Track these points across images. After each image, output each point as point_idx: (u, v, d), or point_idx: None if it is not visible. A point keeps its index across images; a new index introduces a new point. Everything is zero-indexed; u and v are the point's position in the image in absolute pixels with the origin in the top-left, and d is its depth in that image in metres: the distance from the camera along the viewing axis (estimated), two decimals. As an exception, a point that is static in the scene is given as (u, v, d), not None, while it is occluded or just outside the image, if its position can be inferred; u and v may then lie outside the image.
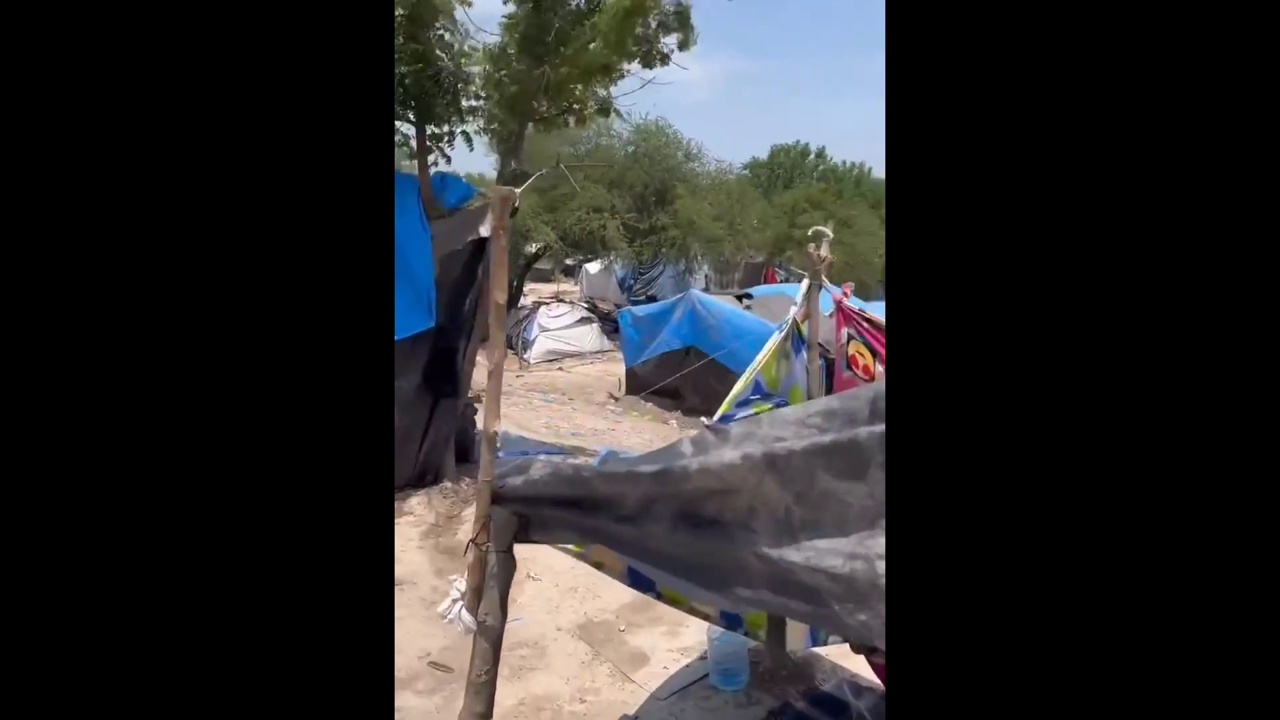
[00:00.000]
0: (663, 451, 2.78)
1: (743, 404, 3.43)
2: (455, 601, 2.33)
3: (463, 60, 5.33)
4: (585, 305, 16.84)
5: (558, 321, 15.56)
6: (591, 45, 4.96)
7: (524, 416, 10.55)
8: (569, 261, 22.63)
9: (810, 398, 3.70)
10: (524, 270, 16.79)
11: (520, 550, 5.84)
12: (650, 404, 12.29)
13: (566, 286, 22.98)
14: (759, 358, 3.43)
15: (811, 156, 32.16)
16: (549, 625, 4.41)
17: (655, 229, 16.73)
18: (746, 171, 26.78)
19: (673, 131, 17.38)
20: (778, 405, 3.62)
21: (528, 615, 4.49)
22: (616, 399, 12.80)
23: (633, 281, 20.50)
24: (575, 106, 6.21)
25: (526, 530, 2.38)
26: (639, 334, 12.52)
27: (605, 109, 6.31)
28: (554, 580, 4.85)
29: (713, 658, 3.92)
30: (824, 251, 3.63)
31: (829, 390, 4.15)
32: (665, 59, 5.51)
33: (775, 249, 23.23)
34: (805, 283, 3.64)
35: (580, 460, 7.53)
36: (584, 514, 2.08)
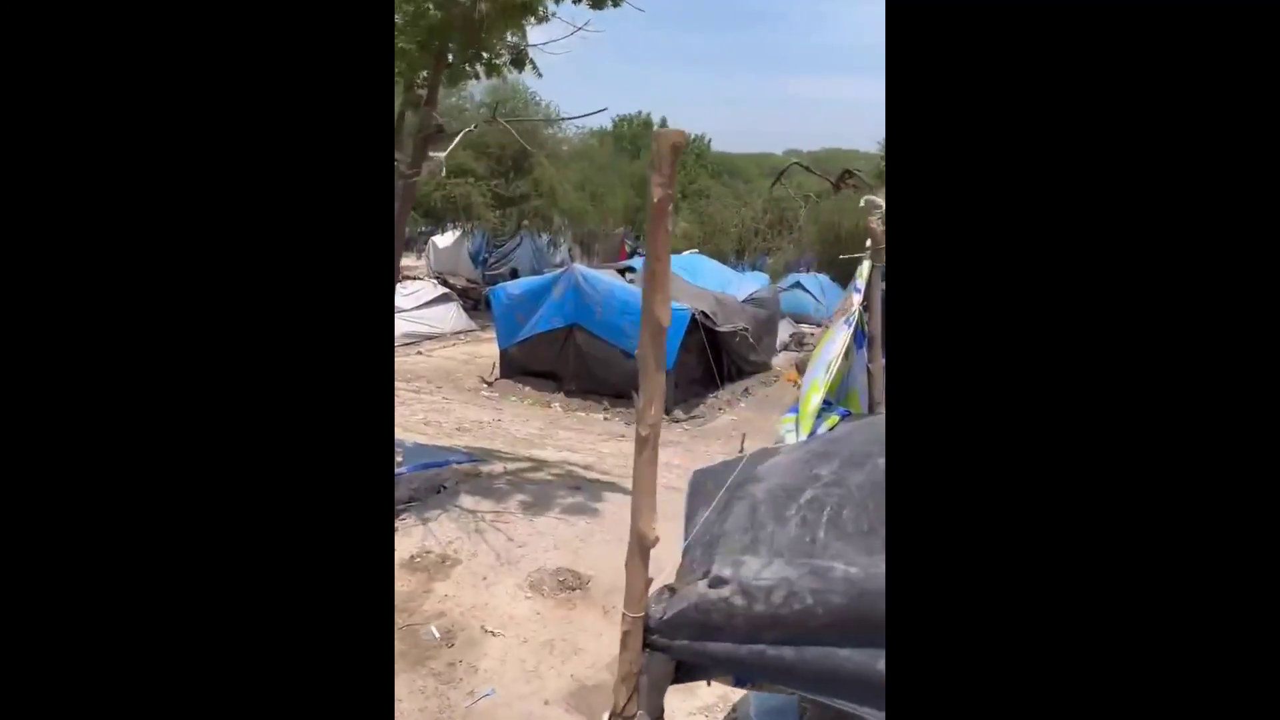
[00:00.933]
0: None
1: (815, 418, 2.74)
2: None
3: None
4: (436, 282, 15.44)
5: (413, 300, 14.10)
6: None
7: (400, 413, 9.33)
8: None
9: (873, 405, 3.06)
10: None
11: (466, 594, 4.74)
12: (528, 387, 11.54)
13: (409, 261, 21.16)
14: (832, 360, 2.73)
15: (655, 128, 31.91)
16: (533, 699, 3.53)
17: (516, 198, 15.59)
18: (594, 141, 26.03)
19: (530, 94, 16.15)
20: (843, 416, 2.97)
21: (501, 686, 3.58)
22: (489, 384, 11.84)
23: (487, 255, 19.14)
24: (484, 55, 5.16)
25: (674, 672, 1.56)
26: (514, 313, 11.61)
27: (520, 59, 5.30)
28: (520, 634, 3.96)
29: (755, 714, 3.24)
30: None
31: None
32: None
33: (625, 221, 22.71)
34: (865, 265, 2.95)
35: (497, 466, 6.54)
36: (809, 660, 1.28)
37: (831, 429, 2.72)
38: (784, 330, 14.63)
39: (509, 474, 6.26)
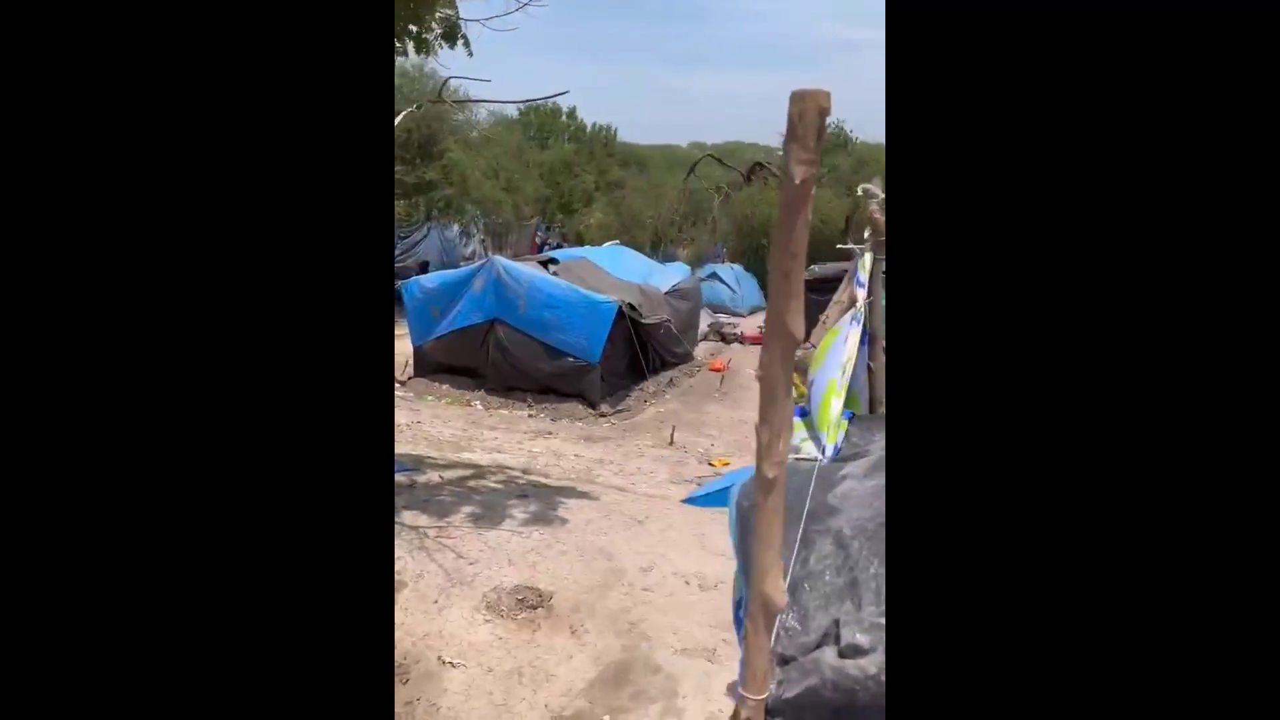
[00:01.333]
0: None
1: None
2: None
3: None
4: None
5: (315, 296, 13.30)
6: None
7: (313, 418, 8.69)
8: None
9: (873, 404, 2.90)
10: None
11: (417, 620, 4.36)
12: (445, 385, 11.07)
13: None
14: (845, 361, 2.54)
15: (564, 117, 31.25)
16: (507, 737, 3.21)
17: (424, 185, 14.86)
18: (502, 129, 25.31)
19: (438, 76, 15.38)
20: (849, 419, 2.78)
21: (469, 726, 3.25)
22: (403, 383, 11.30)
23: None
24: (413, 29, 4.73)
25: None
26: (429, 308, 11.09)
27: (452, 34, 4.89)
28: (482, 663, 3.62)
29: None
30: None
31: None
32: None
33: (537, 211, 22.22)
34: (867, 256, 2.78)
35: (433, 475, 6.10)
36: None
37: (844, 433, 2.53)
38: (703, 320, 14.63)
39: (448, 483, 5.85)
